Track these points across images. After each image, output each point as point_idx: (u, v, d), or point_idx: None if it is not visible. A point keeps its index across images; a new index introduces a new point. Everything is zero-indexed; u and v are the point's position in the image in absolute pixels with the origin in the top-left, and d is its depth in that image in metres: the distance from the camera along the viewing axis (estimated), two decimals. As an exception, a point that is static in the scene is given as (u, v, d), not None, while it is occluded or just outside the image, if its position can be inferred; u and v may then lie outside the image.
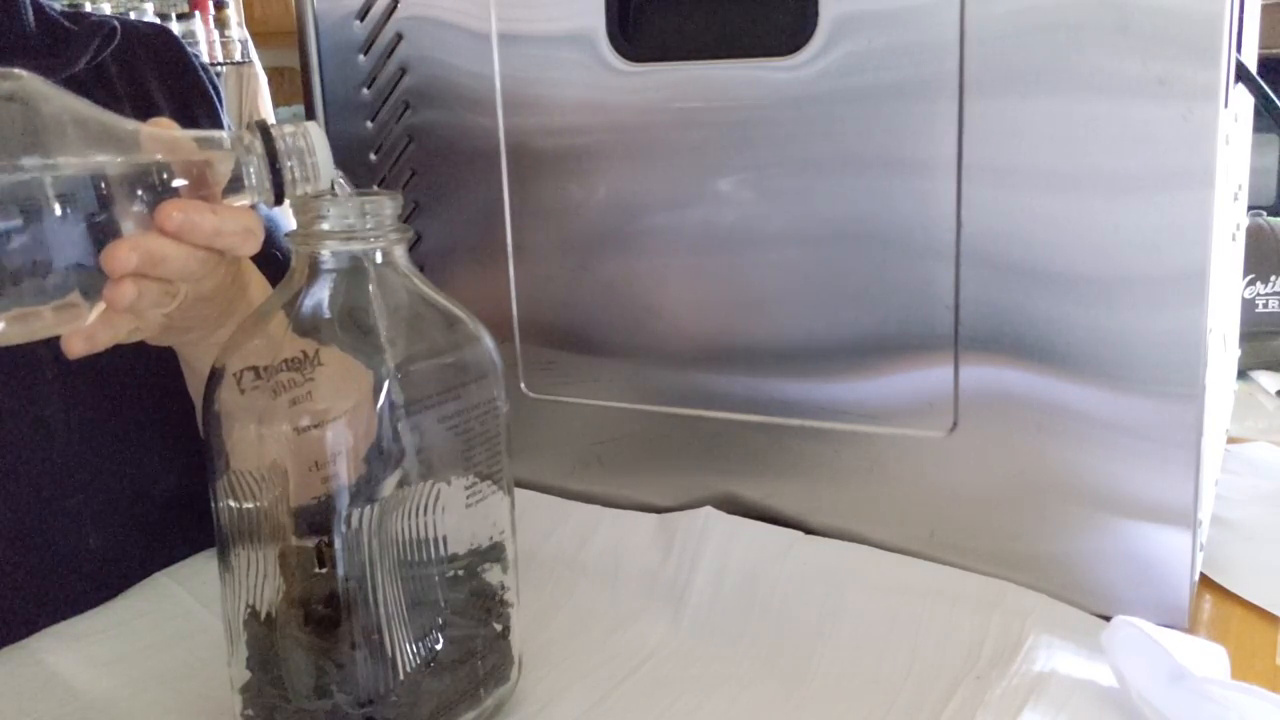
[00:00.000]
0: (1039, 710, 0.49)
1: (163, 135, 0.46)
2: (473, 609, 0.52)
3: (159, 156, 0.45)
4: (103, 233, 0.43)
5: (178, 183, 0.45)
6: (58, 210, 0.42)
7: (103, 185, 0.43)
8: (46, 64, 0.45)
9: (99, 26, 0.72)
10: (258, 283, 0.60)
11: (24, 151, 0.42)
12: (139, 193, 0.44)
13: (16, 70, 0.43)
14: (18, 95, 0.43)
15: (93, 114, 0.44)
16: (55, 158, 0.42)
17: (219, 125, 0.78)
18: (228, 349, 0.49)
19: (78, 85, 0.45)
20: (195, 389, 0.65)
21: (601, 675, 0.57)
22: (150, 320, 0.49)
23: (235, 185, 0.47)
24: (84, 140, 0.43)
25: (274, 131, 0.47)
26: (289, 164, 0.47)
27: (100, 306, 0.45)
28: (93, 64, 0.70)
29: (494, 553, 0.53)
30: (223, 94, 0.81)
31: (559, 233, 0.68)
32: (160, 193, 0.45)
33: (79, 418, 0.68)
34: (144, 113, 0.46)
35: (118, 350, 0.56)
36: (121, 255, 0.43)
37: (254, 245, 0.48)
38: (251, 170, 0.47)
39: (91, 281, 0.44)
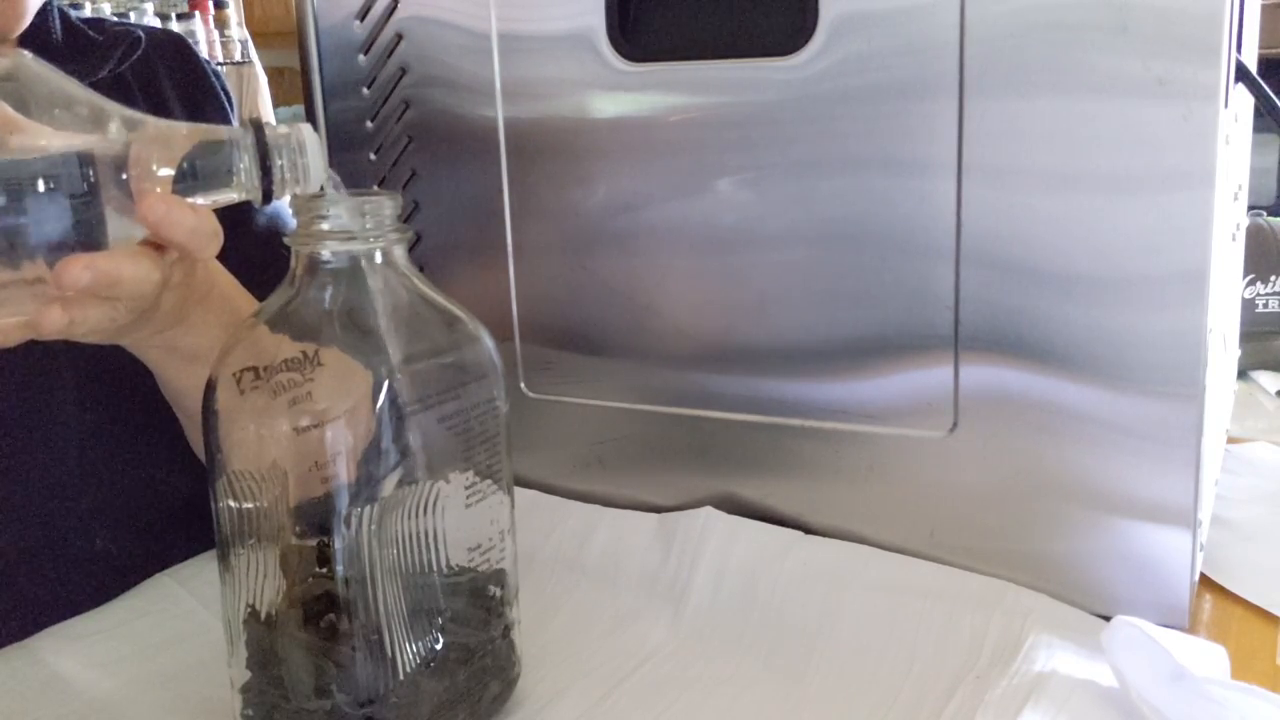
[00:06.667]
0: (1039, 710, 0.49)
1: (154, 124, 0.46)
2: (473, 609, 0.52)
3: (148, 144, 0.45)
4: (85, 213, 0.43)
5: (164, 173, 0.45)
6: (41, 188, 0.42)
7: (90, 169, 0.43)
8: (71, 70, 0.45)
9: (122, 36, 0.73)
10: (225, 279, 0.60)
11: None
12: (123, 178, 0.44)
13: (16, 49, 0.44)
14: (14, 74, 0.43)
15: (87, 98, 0.44)
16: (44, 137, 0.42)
17: None
18: (227, 349, 0.49)
19: (98, 90, 0.45)
20: (165, 391, 0.65)
21: (601, 675, 0.57)
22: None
23: (224, 181, 0.47)
24: (75, 122, 0.43)
25: (267, 130, 0.47)
26: (279, 163, 0.47)
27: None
28: (114, 72, 0.71)
29: (496, 577, 0.53)
30: (234, 99, 0.81)
31: (559, 232, 0.68)
32: (145, 181, 0.45)
33: (93, 421, 0.68)
34: (158, 116, 0.46)
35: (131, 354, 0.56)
36: (74, 273, 0.42)
37: (216, 249, 0.47)
38: (241, 167, 0.47)
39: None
